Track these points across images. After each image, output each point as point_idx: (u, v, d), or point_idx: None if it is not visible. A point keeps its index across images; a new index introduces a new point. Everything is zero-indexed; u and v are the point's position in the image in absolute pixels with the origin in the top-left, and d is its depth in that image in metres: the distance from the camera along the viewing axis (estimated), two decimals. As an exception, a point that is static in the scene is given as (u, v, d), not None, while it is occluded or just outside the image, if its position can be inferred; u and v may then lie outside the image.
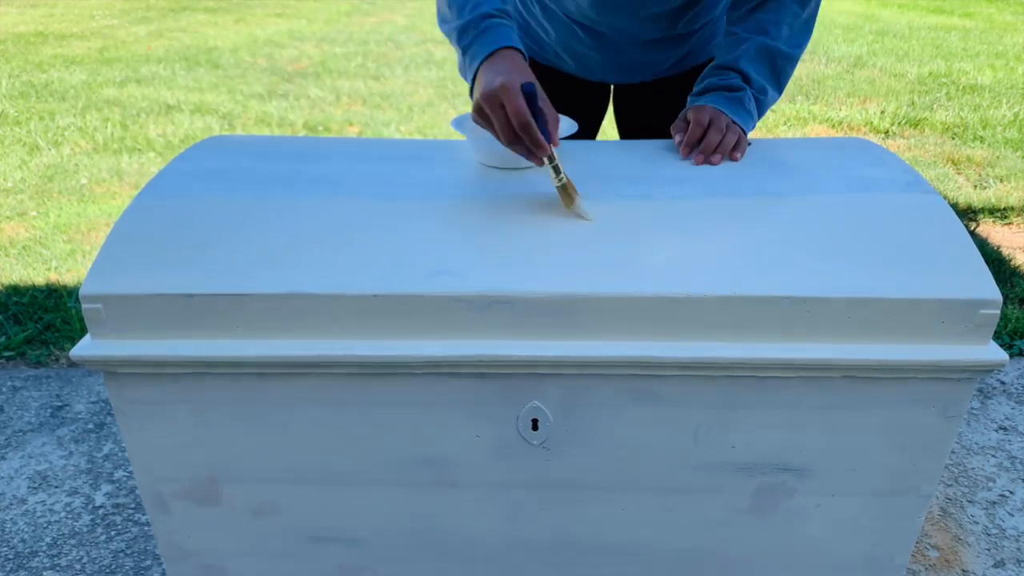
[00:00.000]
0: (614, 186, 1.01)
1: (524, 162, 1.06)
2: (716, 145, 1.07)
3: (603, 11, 1.23)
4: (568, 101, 1.34)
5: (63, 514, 1.62)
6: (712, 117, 1.09)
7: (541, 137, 0.92)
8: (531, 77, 0.95)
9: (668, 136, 1.17)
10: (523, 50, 1.00)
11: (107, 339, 0.89)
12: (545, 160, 0.94)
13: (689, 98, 1.18)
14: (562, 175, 0.95)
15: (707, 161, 1.08)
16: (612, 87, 1.47)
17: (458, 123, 1.08)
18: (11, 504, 1.65)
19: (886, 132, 4.18)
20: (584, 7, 1.24)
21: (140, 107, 4.56)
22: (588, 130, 1.49)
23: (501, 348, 0.88)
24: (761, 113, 1.16)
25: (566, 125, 1.12)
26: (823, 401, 0.91)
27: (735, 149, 1.09)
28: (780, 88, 1.17)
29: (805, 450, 0.94)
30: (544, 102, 0.96)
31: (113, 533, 1.57)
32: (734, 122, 1.10)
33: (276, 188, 1.00)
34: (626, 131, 1.53)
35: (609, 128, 1.58)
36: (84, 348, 0.89)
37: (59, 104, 4.60)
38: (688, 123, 1.11)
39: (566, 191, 0.96)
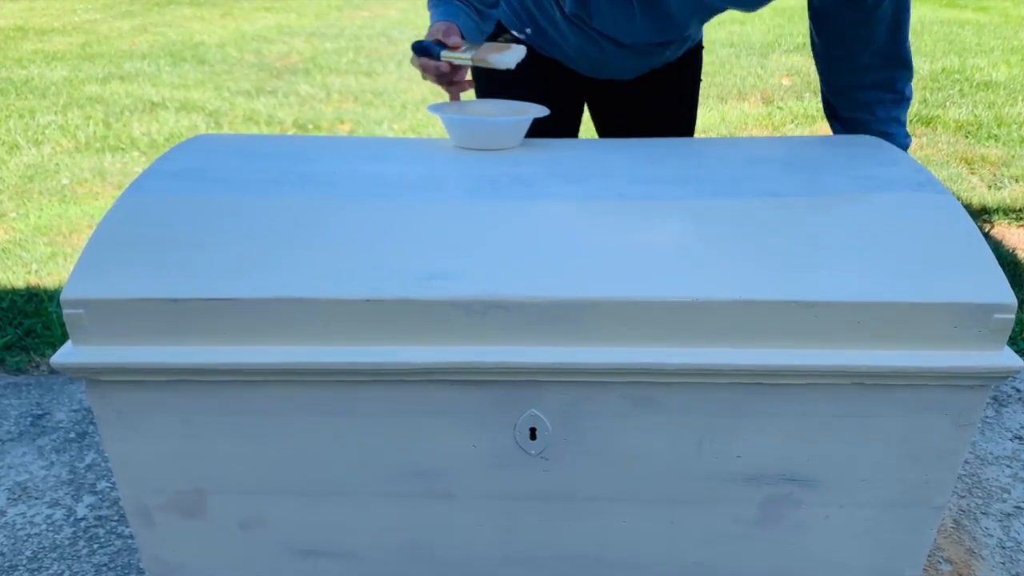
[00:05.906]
0: (615, 186, 0.99)
1: (497, 143, 1.08)
2: None
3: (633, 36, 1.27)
4: (548, 89, 1.36)
5: (44, 527, 1.58)
6: None
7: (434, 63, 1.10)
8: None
9: (643, 127, 1.25)
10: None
11: (89, 345, 0.87)
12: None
13: None
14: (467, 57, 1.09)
15: None
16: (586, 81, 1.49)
17: (436, 108, 1.13)
18: (-11, 514, 1.61)
19: (897, 130, 4.16)
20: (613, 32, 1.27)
21: (123, 104, 4.50)
22: (570, 121, 1.50)
23: (498, 354, 0.87)
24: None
25: (534, 110, 1.13)
26: (831, 409, 0.89)
27: None
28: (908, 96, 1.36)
29: (813, 460, 0.92)
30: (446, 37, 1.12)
31: (96, 546, 1.54)
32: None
33: (265, 189, 0.98)
34: (603, 122, 1.56)
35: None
36: (65, 355, 0.87)
37: (39, 101, 4.54)
38: None
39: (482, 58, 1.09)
